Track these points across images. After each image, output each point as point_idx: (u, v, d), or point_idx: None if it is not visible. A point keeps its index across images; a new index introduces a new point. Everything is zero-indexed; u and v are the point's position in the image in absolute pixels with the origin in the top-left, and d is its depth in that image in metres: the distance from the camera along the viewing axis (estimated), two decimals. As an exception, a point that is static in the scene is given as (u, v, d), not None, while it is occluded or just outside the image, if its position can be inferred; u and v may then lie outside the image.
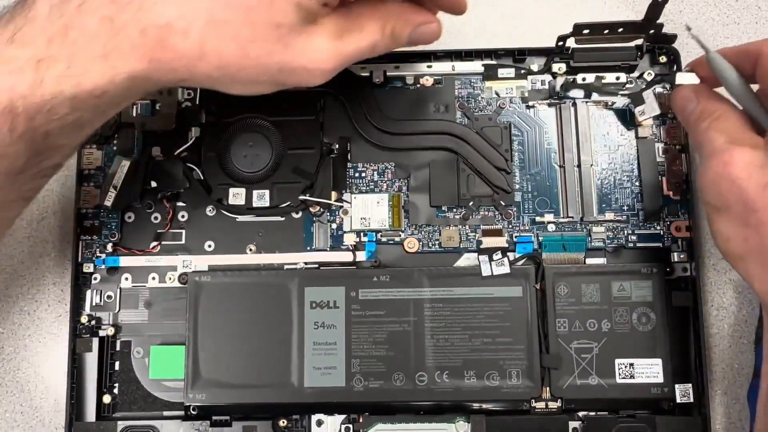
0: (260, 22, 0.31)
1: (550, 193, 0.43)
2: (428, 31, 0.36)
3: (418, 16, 0.36)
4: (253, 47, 0.31)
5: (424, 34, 0.36)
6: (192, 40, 0.30)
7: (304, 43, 0.32)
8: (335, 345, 0.40)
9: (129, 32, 0.30)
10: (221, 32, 0.30)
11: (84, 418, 0.41)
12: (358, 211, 0.42)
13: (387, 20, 0.35)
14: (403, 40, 0.36)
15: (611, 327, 0.40)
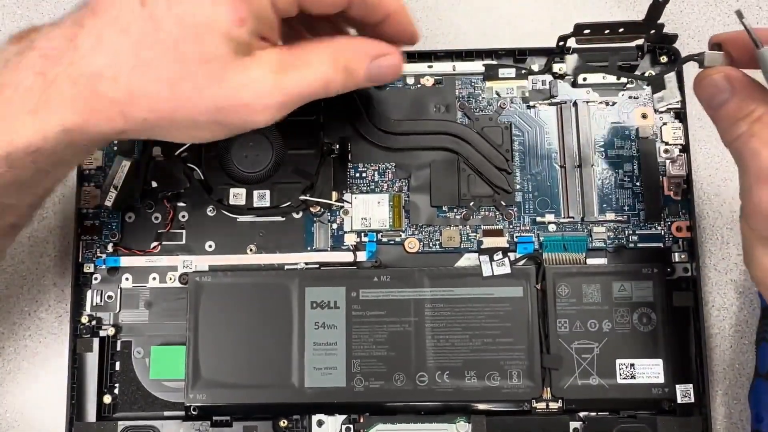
0: (188, 58, 0.29)
1: (550, 193, 0.43)
2: (386, 64, 0.33)
3: (374, 48, 0.33)
4: (183, 85, 0.29)
5: (382, 68, 0.33)
6: (121, 85, 0.29)
7: (240, 77, 0.30)
8: (336, 345, 0.40)
9: (60, 85, 0.29)
10: (147, 73, 0.29)
11: (84, 418, 0.41)
12: (359, 211, 0.42)
13: (339, 54, 0.32)
14: (360, 75, 0.33)
15: (612, 327, 0.40)
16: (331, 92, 0.32)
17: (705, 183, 0.44)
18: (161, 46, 0.29)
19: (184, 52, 0.29)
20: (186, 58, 0.29)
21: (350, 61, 0.32)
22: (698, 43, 0.46)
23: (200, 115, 0.30)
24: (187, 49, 0.29)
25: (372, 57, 0.33)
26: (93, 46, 0.29)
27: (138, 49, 0.29)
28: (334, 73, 0.32)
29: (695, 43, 0.46)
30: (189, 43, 0.29)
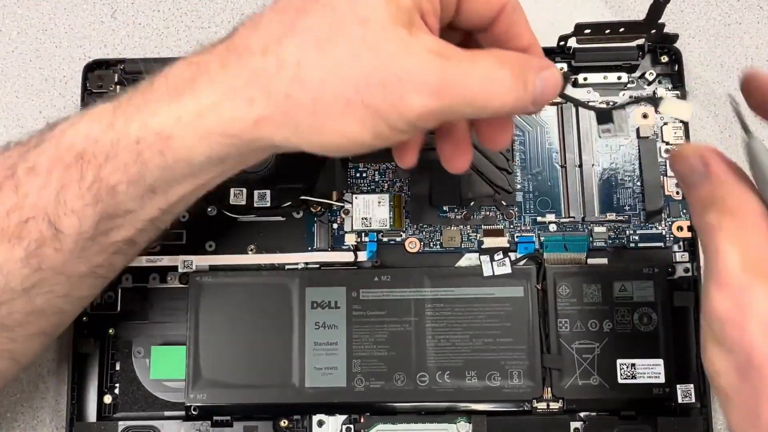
0: (341, 18, 0.26)
1: (551, 193, 0.42)
2: (552, 78, 0.29)
3: (537, 61, 0.29)
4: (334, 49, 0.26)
5: (548, 82, 0.28)
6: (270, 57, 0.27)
7: (397, 47, 0.26)
8: (336, 345, 0.40)
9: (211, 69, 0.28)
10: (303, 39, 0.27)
11: (85, 418, 0.41)
12: (359, 211, 0.42)
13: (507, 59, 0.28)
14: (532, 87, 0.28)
15: (612, 327, 0.40)
16: (501, 107, 0.27)
17: (706, 183, 0.44)
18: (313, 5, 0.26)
19: (337, 11, 0.26)
20: (339, 18, 0.26)
21: (521, 68, 0.28)
22: (699, 42, 0.46)
23: (349, 90, 0.26)
24: (342, 8, 0.26)
25: (539, 69, 0.28)
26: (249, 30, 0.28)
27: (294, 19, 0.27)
28: (508, 81, 0.27)
29: (696, 42, 0.46)
30: (344, 2, 0.26)
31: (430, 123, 0.27)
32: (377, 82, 0.26)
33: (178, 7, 0.48)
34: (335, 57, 0.26)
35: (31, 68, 0.47)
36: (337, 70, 0.26)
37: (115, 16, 0.48)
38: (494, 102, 0.27)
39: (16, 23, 0.48)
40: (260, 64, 0.27)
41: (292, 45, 0.26)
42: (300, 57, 0.26)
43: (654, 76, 0.43)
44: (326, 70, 0.26)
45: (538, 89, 0.28)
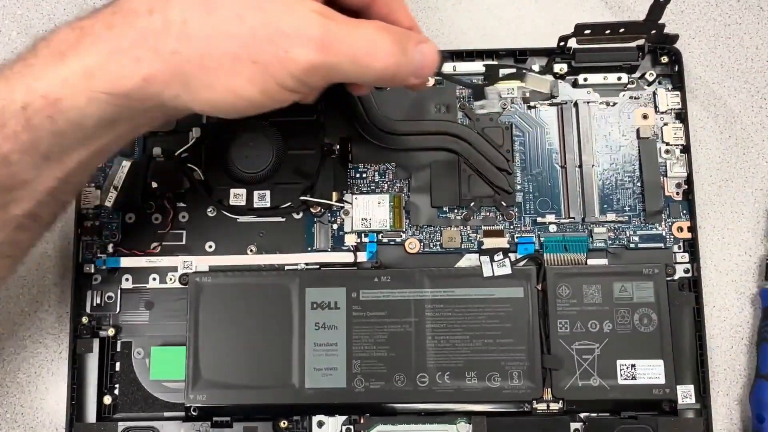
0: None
1: (551, 193, 0.42)
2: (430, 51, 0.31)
3: (416, 34, 0.31)
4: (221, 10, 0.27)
5: (426, 55, 0.31)
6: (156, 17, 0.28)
7: (281, 6, 0.27)
8: (336, 346, 0.40)
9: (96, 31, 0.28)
10: None
11: (84, 419, 0.41)
12: (359, 211, 0.42)
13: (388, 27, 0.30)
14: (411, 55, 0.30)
15: (613, 328, 0.40)
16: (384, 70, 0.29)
17: (706, 183, 0.44)
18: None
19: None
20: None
21: (401, 37, 0.30)
22: (699, 42, 0.46)
23: (237, 46, 0.27)
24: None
25: (417, 42, 0.31)
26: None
27: None
28: (388, 45, 0.29)
29: (696, 43, 0.46)
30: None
31: (315, 79, 0.29)
32: (264, 38, 0.27)
33: (177, 7, 0.48)
34: (222, 15, 0.27)
35: (30, 68, 0.47)
36: (224, 28, 0.27)
37: (115, 17, 0.48)
38: (376, 63, 0.29)
39: (16, 23, 0.48)
40: (146, 23, 0.27)
41: (177, 5, 0.27)
42: (186, 16, 0.27)
43: (654, 77, 0.43)
44: (213, 27, 0.27)
45: (417, 58, 0.30)
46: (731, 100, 0.45)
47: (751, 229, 0.44)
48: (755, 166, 0.44)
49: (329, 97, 0.43)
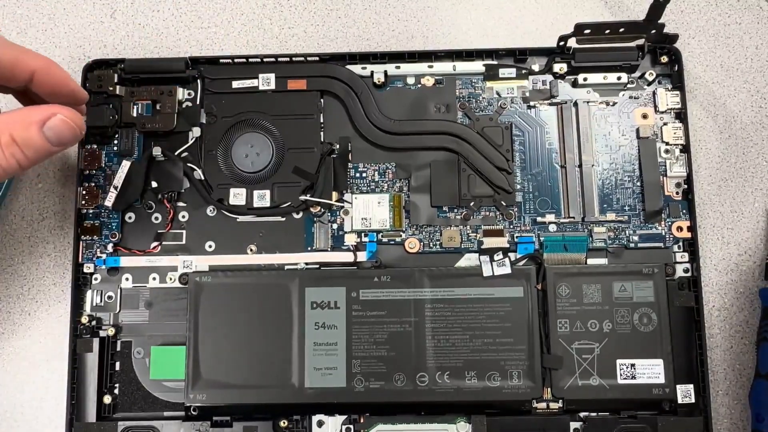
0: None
1: (551, 193, 0.42)
2: (60, 123, 0.32)
3: (40, 113, 0.32)
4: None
5: (58, 128, 0.32)
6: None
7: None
8: (336, 345, 0.40)
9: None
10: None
11: (84, 418, 0.41)
12: (359, 211, 0.42)
13: (7, 129, 0.31)
14: (38, 142, 0.32)
15: (612, 327, 0.40)
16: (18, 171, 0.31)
17: (705, 183, 0.44)
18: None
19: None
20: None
21: (18, 132, 0.31)
22: (699, 42, 0.46)
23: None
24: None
25: (40, 122, 0.32)
26: None
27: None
28: (4, 148, 0.31)
29: (696, 42, 0.46)
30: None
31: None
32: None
33: (177, 7, 0.48)
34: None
35: (30, 68, 0.47)
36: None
37: (115, 17, 0.48)
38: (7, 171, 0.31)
39: (16, 23, 0.48)
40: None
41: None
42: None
43: (654, 77, 0.43)
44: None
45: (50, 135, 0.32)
46: (731, 100, 0.45)
47: (750, 229, 0.44)
48: (755, 165, 0.44)
49: (330, 98, 0.43)
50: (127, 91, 0.43)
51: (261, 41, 0.47)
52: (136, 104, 0.44)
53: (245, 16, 0.48)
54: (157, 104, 0.44)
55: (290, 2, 0.48)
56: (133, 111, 0.44)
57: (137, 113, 0.44)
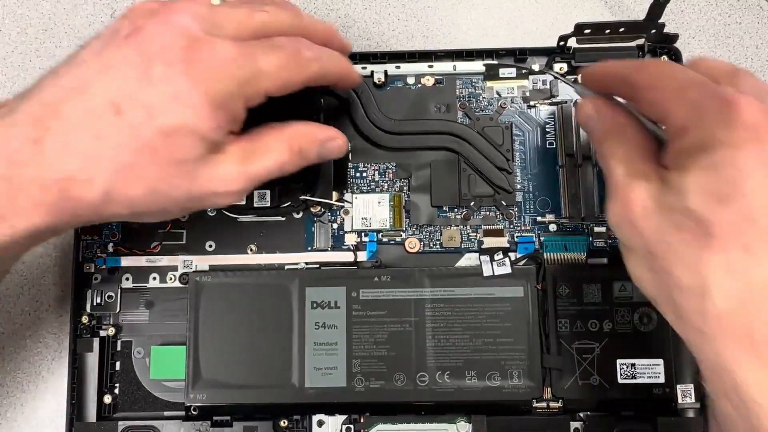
0: (165, 161, 0.31)
1: (551, 193, 0.42)
2: (335, 147, 0.37)
3: (323, 133, 0.36)
4: (161, 185, 0.31)
5: (331, 151, 0.37)
6: (97, 188, 0.30)
7: (211, 172, 0.32)
8: (336, 345, 0.40)
9: (28, 190, 0.30)
10: (128, 176, 0.31)
11: (84, 418, 0.41)
12: (359, 211, 0.42)
13: (293, 141, 0.35)
14: (312, 157, 0.36)
15: (612, 327, 0.40)
16: (284, 173, 0.35)
17: (705, 183, 0.44)
18: (140, 152, 0.30)
19: (162, 157, 0.31)
20: (164, 161, 0.31)
21: (304, 146, 0.35)
22: (699, 42, 0.46)
23: (171, 206, 0.33)
24: (166, 153, 0.31)
25: (321, 142, 0.36)
26: (61, 150, 0.30)
27: (116, 155, 0.30)
28: (290, 157, 0.35)
29: (696, 42, 0.46)
30: (168, 148, 0.31)
31: None
32: (198, 198, 0.33)
33: (178, 7, 0.48)
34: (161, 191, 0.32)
35: (31, 68, 0.47)
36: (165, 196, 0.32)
37: (115, 16, 0.48)
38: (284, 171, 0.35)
39: (16, 23, 0.48)
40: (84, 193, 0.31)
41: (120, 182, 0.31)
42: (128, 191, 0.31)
43: (654, 76, 0.43)
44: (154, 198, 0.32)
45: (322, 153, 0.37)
46: (731, 100, 0.45)
47: (750, 228, 0.44)
48: (755, 165, 0.44)
49: (330, 97, 0.43)
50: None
51: (261, 41, 0.47)
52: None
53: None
54: (157, 104, 0.43)
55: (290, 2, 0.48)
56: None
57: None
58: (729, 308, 0.26)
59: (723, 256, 0.27)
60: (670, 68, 0.32)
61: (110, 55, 0.31)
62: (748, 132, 0.27)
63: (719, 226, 0.27)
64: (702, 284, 0.27)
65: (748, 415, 0.26)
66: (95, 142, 0.30)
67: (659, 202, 0.29)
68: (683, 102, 0.29)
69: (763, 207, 0.26)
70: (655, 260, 0.29)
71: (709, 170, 0.27)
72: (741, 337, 0.26)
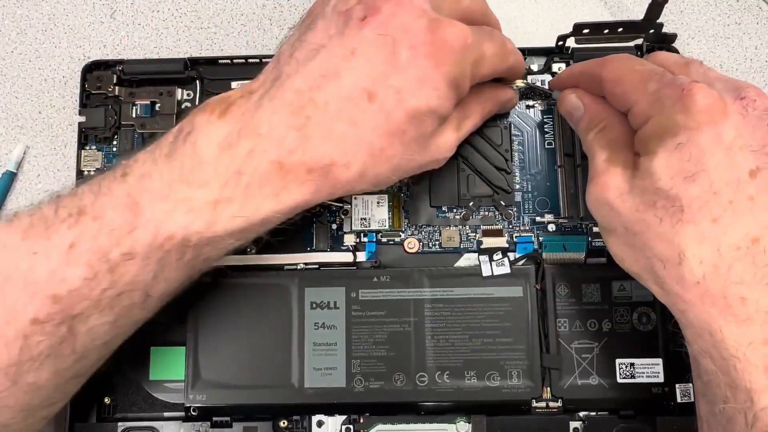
0: (409, 140, 0.33)
1: (550, 193, 0.43)
2: (510, 104, 0.42)
3: (504, 94, 0.40)
4: (402, 162, 0.34)
5: (505, 106, 0.41)
6: (354, 170, 0.32)
7: (437, 143, 0.35)
8: (335, 345, 0.40)
9: (297, 173, 0.32)
10: (379, 158, 0.33)
11: (84, 419, 0.41)
12: (358, 211, 0.42)
13: (485, 104, 0.38)
14: (491, 114, 0.41)
15: (611, 327, 0.40)
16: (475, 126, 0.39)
17: (704, 183, 0.44)
18: (391, 134, 0.32)
19: (408, 137, 0.33)
20: (408, 141, 0.33)
21: (491, 108, 0.40)
22: (698, 43, 0.46)
23: (405, 175, 0.35)
24: (411, 134, 0.33)
25: (503, 102, 0.41)
26: (323, 137, 0.32)
27: (370, 139, 0.32)
28: (481, 119, 0.39)
29: (695, 42, 0.46)
30: (413, 128, 0.33)
31: None
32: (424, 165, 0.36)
33: (177, 7, 0.48)
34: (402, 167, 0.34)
35: (30, 68, 0.47)
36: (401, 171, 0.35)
37: (115, 17, 0.48)
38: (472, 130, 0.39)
39: (16, 23, 0.48)
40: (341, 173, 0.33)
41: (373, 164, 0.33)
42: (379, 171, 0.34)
43: (653, 76, 0.43)
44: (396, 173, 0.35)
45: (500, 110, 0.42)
46: (730, 100, 0.45)
47: (749, 228, 0.44)
48: (754, 165, 0.44)
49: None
50: (126, 92, 0.44)
51: (261, 42, 0.47)
52: (135, 105, 0.44)
53: (245, 17, 0.48)
54: (156, 105, 0.44)
55: (290, 2, 0.48)
56: (132, 112, 0.44)
57: (136, 114, 0.44)
58: (704, 273, 0.29)
59: (694, 227, 0.30)
60: (630, 62, 0.35)
61: (352, 39, 0.32)
62: (704, 115, 0.30)
63: (688, 201, 0.30)
64: (678, 254, 0.30)
65: (727, 368, 0.29)
66: (352, 129, 0.32)
67: (633, 185, 0.32)
68: (645, 93, 0.32)
69: (724, 180, 0.30)
70: (634, 237, 0.32)
71: (674, 152, 0.30)
72: (717, 299, 0.29)
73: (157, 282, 0.33)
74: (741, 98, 0.31)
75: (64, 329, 0.31)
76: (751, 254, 0.29)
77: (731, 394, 0.29)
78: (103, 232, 0.31)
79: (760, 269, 0.29)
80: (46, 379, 0.32)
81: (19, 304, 0.30)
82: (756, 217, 0.29)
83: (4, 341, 0.30)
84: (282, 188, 0.32)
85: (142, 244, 0.31)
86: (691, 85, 0.30)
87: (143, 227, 0.31)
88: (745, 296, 0.29)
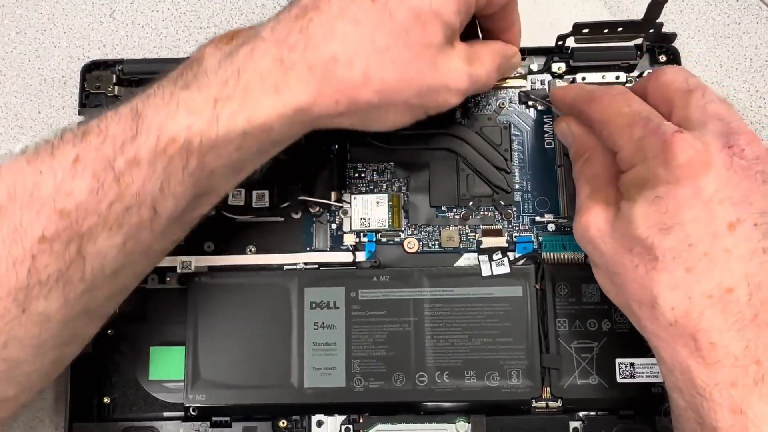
0: (415, 43, 0.32)
1: (549, 192, 0.43)
2: (516, 63, 0.40)
3: (509, 49, 0.39)
4: (410, 68, 0.33)
5: (512, 65, 0.40)
6: (356, 69, 0.32)
7: (447, 63, 0.34)
8: (335, 345, 0.40)
9: (298, 69, 0.31)
10: (383, 58, 0.32)
11: (84, 419, 0.41)
12: (358, 211, 0.42)
13: (494, 55, 0.38)
14: (501, 74, 0.39)
15: (611, 327, 0.40)
16: (482, 88, 0.38)
17: (704, 182, 0.44)
18: (394, 34, 0.32)
19: (412, 38, 0.32)
20: (413, 44, 0.32)
21: (502, 63, 0.38)
22: (698, 42, 0.46)
23: (414, 98, 0.34)
24: (416, 35, 0.32)
25: (509, 57, 0.39)
26: (324, 35, 0.32)
27: (373, 36, 0.32)
28: (493, 71, 0.38)
29: (695, 42, 0.46)
30: (417, 29, 0.32)
31: None
32: (435, 89, 0.34)
33: (177, 7, 0.48)
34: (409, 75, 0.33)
35: (29, 68, 0.47)
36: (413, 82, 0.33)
37: (114, 17, 0.48)
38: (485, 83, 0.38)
39: (15, 23, 0.48)
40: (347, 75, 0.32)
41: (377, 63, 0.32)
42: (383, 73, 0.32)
43: (652, 76, 0.43)
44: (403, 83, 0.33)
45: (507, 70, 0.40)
46: (730, 100, 0.45)
47: (749, 228, 0.44)
48: (754, 165, 0.44)
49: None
50: (126, 92, 0.43)
51: (260, 41, 0.47)
52: (135, 105, 0.44)
53: (245, 16, 0.48)
54: (156, 105, 0.44)
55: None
56: (132, 111, 0.44)
57: (136, 114, 0.44)
58: (676, 318, 0.31)
59: (668, 276, 0.31)
60: (618, 103, 0.35)
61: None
62: (684, 169, 0.30)
63: (663, 252, 0.31)
64: (652, 299, 0.31)
65: (696, 405, 0.31)
66: (354, 27, 0.32)
67: (614, 227, 0.33)
68: (630, 139, 0.33)
69: (700, 234, 0.30)
70: (615, 276, 0.34)
71: (652, 203, 0.31)
72: (687, 341, 0.31)
73: (164, 197, 0.31)
74: (729, 147, 0.31)
75: (73, 250, 0.30)
76: (723, 302, 0.30)
77: (700, 430, 0.31)
78: (107, 142, 0.31)
79: (731, 317, 0.30)
80: (56, 310, 0.31)
81: (26, 221, 0.30)
82: (731, 268, 0.30)
83: (12, 261, 0.29)
84: (282, 83, 0.31)
85: (146, 149, 0.30)
86: (673, 137, 0.31)
87: (146, 132, 0.31)
88: (715, 342, 0.30)
